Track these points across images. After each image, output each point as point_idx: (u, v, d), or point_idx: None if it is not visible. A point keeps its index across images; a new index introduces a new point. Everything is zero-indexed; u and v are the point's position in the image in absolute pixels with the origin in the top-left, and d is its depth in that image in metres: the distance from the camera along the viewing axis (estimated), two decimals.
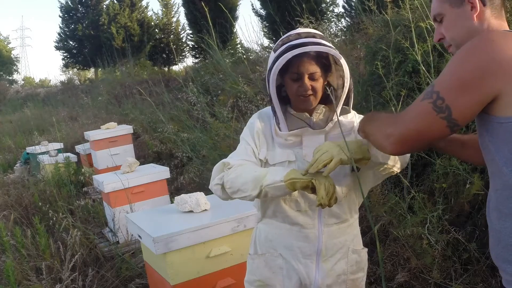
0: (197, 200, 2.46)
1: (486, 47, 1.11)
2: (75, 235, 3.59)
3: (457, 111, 1.12)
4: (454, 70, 1.14)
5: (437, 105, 1.13)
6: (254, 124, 1.62)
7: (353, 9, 8.95)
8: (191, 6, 12.69)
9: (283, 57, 1.45)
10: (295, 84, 1.52)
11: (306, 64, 1.49)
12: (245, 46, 9.63)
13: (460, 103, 1.11)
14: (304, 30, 1.55)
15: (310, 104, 1.55)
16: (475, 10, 1.24)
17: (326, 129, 1.56)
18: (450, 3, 1.28)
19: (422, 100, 1.16)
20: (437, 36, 1.34)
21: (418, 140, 1.19)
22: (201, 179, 5.18)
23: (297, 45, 1.46)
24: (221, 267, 2.28)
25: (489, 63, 1.09)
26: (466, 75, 1.11)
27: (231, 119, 5.21)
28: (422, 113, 1.16)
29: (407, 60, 3.52)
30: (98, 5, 20.16)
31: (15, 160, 8.88)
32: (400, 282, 2.67)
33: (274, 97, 1.51)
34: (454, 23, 1.29)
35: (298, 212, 1.56)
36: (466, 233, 2.75)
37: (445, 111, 1.12)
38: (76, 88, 17.96)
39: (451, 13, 1.28)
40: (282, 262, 1.59)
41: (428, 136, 1.17)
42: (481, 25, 1.24)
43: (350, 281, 1.62)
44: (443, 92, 1.13)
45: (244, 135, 1.63)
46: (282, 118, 1.54)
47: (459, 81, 1.12)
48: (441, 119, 1.13)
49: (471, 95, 1.10)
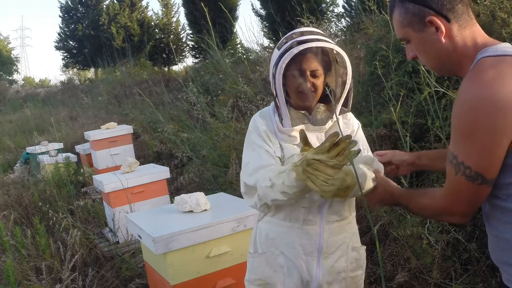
0: (197, 200, 2.46)
1: (490, 105, 1.04)
2: (75, 235, 3.59)
3: (488, 172, 1.10)
4: (468, 139, 1.09)
5: (467, 175, 1.11)
6: (258, 124, 1.61)
7: (353, 9, 8.95)
8: (191, 6, 12.69)
9: (289, 52, 1.47)
10: (296, 80, 1.53)
11: (309, 61, 1.52)
12: (245, 46, 9.63)
13: (486, 165, 1.09)
14: (308, 29, 1.58)
15: (310, 101, 1.56)
16: (440, 32, 1.16)
17: (326, 126, 1.59)
18: (413, 28, 1.20)
19: (455, 175, 1.14)
20: (409, 55, 1.27)
21: (476, 205, 1.17)
22: (201, 179, 5.18)
23: (302, 41, 1.48)
24: (221, 267, 2.28)
25: (498, 118, 1.04)
26: (483, 141, 1.07)
27: (231, 119, 5.21)
28: (462, 188, 1.14)
29: (407, 60, 3.52)
30: (98, 5, 20.15)
31: (15, 160, 8.88)
32: (400, 282, 2.67)
33: (280, 92, 1.52)
34: (422, 47, 1.21)
35: (302, 209, 1.56)
36: (466, 233, 2.75)
37: (478, 178, 1.10)
38: (76, 88, 17.95)
39: (417, 38, 1.21)
40: (283, 261, 1.59)
41: (481, 200, 1.16)
42: (452, 44, 1.17)
43: (350, 279, 1.63)
44: (468, 162, 1.10)
45: (252, 138, 1.61)
46: (287, 113, 1.54)
47: (478, 148, 1.08)
48: (479, 186, 1.11)
49: (494, 154, 1.08)
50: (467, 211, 1.18)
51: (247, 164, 1.59)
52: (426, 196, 1.31)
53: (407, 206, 1.39)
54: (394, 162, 1.65)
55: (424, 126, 3.17)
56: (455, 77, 3.22)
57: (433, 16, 1.16)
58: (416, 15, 1.18)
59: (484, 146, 1.07)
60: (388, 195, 1.44)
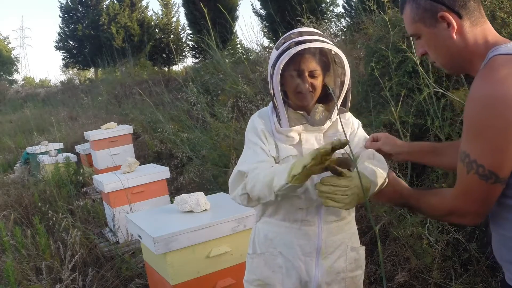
0: (197, 200, 2.46)
1: (502, 104, 1.04)
2: (75, 235, 3.59)
3: (501, 170, 1.09)
4: (480, 137, 1.09)
5: (480, 174, 1.10)
6: (256, 124, 1.62)
7: (353, 9, 8.95)
8: (191, 6, 12.70)
9: (287, 52, 1.47)
10: (295, 80, 1.54)
11: (308, 61, 1.52)
12: (245, 46, 9.64)
13: (499, 163, 1.08)
14: (306, 29, 1.57)
15: (308, 101, 1.56)
16: (452, 28, 1.16)
17: (325, 127, 1.59)
18: (424, 24, 1.19)
19: (467, 174, 1.13)
20: (419, 51, 1.27)
21: (489, 204, 1.16)
22: (201, 179, 5.18)
23: (300, 42, 1.48)
24: (221, 267, 2.28)
25: (511, 116, 1.04)
26: (495, 140, 1.06)
27: (231, 119, 5.21)
28: (475, 187, 1.13)
29: (407, 60, 3.52)
30: (98, 5, 20.15)
31: (15, 160, 8.88)
32: (400, 282, 2.67)
33: (278, 92, 1.52)
34: (433, 43, 1.21)
35: (300, 209, 1.56)
36: (466, 233, 2.75)
37: (492, 177, 1.09)
38: (76, 88, 17.94)
39: (428, 34, 1.20)
40: (282, 261, 1.59)
41: (493, 199, 1.15)
42: (463, 40, 1.17)
43: (349, 279, 1.63)
44: (480, 161, 1.09)
45: (249, 137, 1.62)
46: (284, 114, 1.54)
47: (491, 147, 1.07)
48: (492, 185, 1.11)
49: (508, 152, 1.07)
50: (479, 211, 1.17)
51: (243, 160, 1.60)
52: (436, 196, 1.29)
53: (416, 206, 1.37)
54: (384, 150, 1.61)
55: (424, 126, 3.17)
56: (455, 77, 3.22)
57: (445, 12, 1.16)
58: (428, 10, 1.19)
59: (497, 144, 1.06)
60: (397, 194, 1.43)
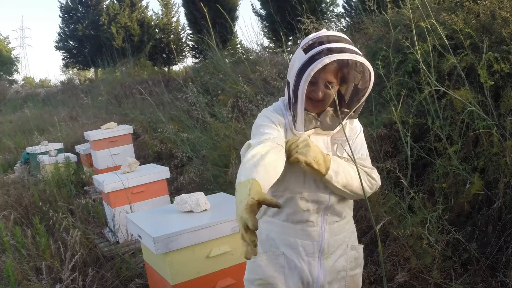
0: (197, 200, 2.46)
1: None
2: (75, 235, 3.59)
3: None
4: None
5: None
6: (271, 113, 1.59)
7: (353, 9, 8.95)
8: (191, 6, 12.71)
9: (320, 60, 1.40)
10: (309, 86, 1.48)
11: (329, 72, 1.47)
12: (245, 46, 9.64)
13: None
14: (333, 33, 1.50)
15: (318, 109, 1.55)
16: None
17: (334, 131, 1.59)
18: None
19: None
20: None
21: None
22: (201, 179, 5.18)
23: (333, 50, 1.42)
24: (221, 267, 2.28)
25: None
26: None
27: (231, 119, 5.22)
28: None
29: (407, 60, 3.52)
30: (98, 5, 20.15)
31: (15, 160, 8.87)
32: (400, 282, 2.67)
33: (302, 97, 1.47)
34: None
35: (305, 211, 1.56)
36: (466, 233, 2.75)
37: None
38: (76, 88, 17.93)
39: None
40: (284, 261, 1.60)
41: None
42: None
43: (349, 277, 1.64)
44: None
45: (260, 122, 1.57)
46: (302, 119, 1.51)
47: None
48: None
49: None
50: None
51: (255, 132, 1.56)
52: None
53: None
54: None
55: (425, 126, 3.17)
56: (455, 77, 3.22)
57: None
58: None
59: None
60: None
